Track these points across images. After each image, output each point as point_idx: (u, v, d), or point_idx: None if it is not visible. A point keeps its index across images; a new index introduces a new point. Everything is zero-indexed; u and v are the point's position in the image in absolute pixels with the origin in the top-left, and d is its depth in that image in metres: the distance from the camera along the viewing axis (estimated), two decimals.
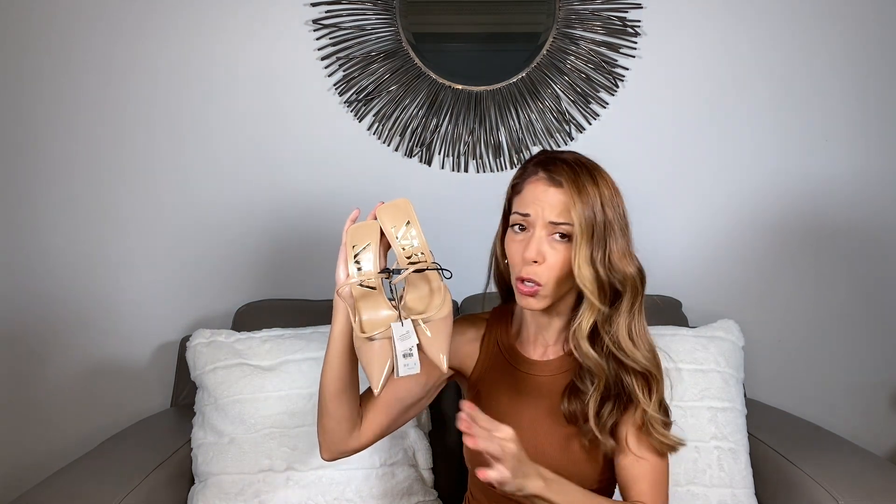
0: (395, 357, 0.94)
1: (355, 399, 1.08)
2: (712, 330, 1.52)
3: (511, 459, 0.87)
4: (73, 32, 1.74)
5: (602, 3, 1.77)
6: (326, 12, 1.75)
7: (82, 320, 1.78)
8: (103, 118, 1.76)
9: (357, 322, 0.98)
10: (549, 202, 1.00)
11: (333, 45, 1.76)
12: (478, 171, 1.81)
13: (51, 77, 1.75)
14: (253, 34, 1.76)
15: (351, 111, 1.78)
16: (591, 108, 1.80)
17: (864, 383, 1.88)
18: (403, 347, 0.93)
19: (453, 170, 1.81)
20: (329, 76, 1.78)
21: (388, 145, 1.80)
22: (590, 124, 1.80)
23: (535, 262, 0.99)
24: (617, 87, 1.79)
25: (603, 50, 1.78)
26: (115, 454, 1.40)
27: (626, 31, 1.77)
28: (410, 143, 1.80)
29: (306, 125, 1.79)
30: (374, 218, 1.03)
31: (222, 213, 1.79)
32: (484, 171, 1.81)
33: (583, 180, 0.99)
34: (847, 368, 1.87)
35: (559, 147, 1.80)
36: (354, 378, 1.06)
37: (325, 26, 1.75)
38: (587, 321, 1.00)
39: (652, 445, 1.03)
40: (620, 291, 1.00)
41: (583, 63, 1.78)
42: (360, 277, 0.99)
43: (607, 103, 1.80)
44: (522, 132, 1.79)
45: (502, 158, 1.80)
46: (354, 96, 1.77)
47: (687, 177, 1.82)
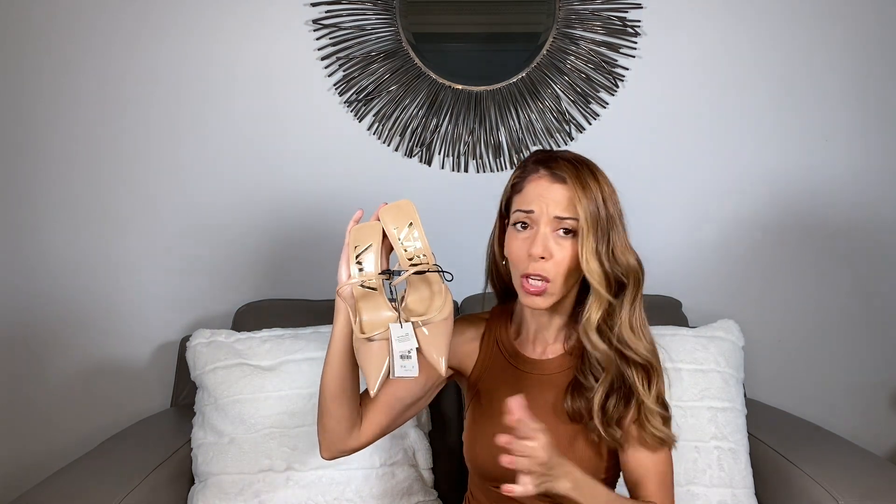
0: (391, 358, 0.93)
1: (355, 399, 1.08)
2: (712, 330, 1.52)
3: (540, 469, 0.86)
4: (73, 33, 1.74)
5: (602, 3, 1.77)
6: (326, 12, 1.75)
7: (82, 320, 1.78)
8: (103, 118, 1.76)
9: (357, 322, 0.98)
10: (553, 198, 1.00)
11: (333, 45, 1.76)
12: (478, 171, 1.81)
13: (51, 77, 1.75)
14: (254, 34, 1.76)
15: (351, 111, 1.78)
16: (591, 108, 1.80)
17: (864, 383, 1.88)
18: (401, 349, 0.93)
19: (453, 170, 1.81)
20: (329, 76, 1.78)
21: (388, 145, 1.80)
22: (590, 124, 1.80)
23: (541, 258, 0.99)
24: (617, 87, 1.79)
25: (603, 50, 1.78)
26: (115, 454, 1.40)
27: (626, 31, 1.77)
28: (410, 143, 1.80)
29: (306, 125, 1.79)
30: (377, 219, 1.03)
31: (222, 214, 1.79)
32: (484, 171, 1.81)
33: (585, 176, 1.01)
34: (847, 368, 1.87)
35: (559, 147, 1.80)
36: (355, 378, 1.07)
37: (325, 26, 1.75)
38: (596, 313, 1.01)
39: (646, 441, 1.03)
40: (623, 283, 1.01)
41: (583, 63, 1.78)
42: (360, 278, 0.99)
43: (607, 103, 1.80)
44: (522, 132, 1.79)
45: (502, 158, 1.80)
46: (354, 96, 1.77)
47: (687, 177, 1.82)
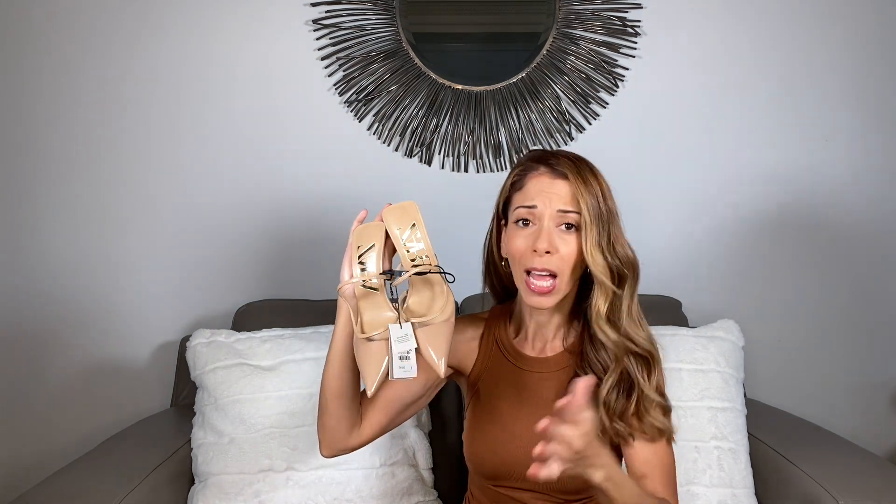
0: (390, 359, 0.93)
1: (356, 398, 1.09)
2: (712, 330, 1.52)
3: (571, 456, 0.84)
4: (73, 33, 1.74)
5: (602, 3, 1.77)
6: (326, 12, 1.75)
7: (82, 320, 1.78)
8: (103, 118, 1.76)
9: (358, 322, 0.98)
10: (556, 193, 1.02)
11: (333, 45, 1.76)
12: (478, 171, 1.81)
13: (51, 77, 1.75)
14: (254, 34, 1.76)
15: (351, 111, 1.78)
16: (591, 108, 1.80)
17: (864, 383, 1.88)
18: (400, 350, 0.93)
19: (453, 170, 1.81)
20: (329, 76, 1.78)
21: (388, 145, 1.80)
22: (590, 124, 1.80)
23: (547, 252, 1.00)
24: (617, 87, 1.79)
25: (603, 50, 1.78)
26: (115, 454, 1.40)
27: (626, 31, 1.77)
28: (410, 143, 1.79)
29: (306, 125, 1.78)
30: (381, 219, 1.03)
31: (222, 213, 1.79)
32: (484, 171, 1.81)
33: (585, 172, 1.04)
34: (847, 368, 1.87)
35: (559, 147, 1.80)
36: (355, 377, 1.07)
37: (325, 26, 1.75)
38: (603, 304, 1.02)
39: (646, 432, 1.03)
40: (622, 275, 1.03)
41: (583, 63, 1.78)
42: (361, 278, 0.99)
43: (607, 103, 1.80)
44: (522, 132, 1.79)
45: (502, 158, 1.80)
46: (354, 96, 1.77)
47: (687, 177, 1.82)
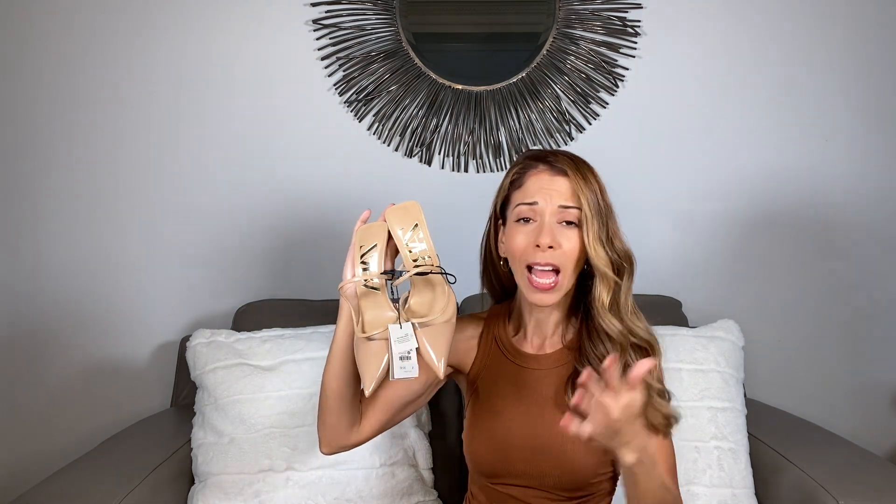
0: (391, 359, 0.94)
1: (356, 396, 1.09)
2: (712, 330, 1.52)
3: (605, 423, 0.85)
4: (72, 33, 1.74)
5: (602, 3, 1.77)
6: (326, 12, 1.75)
7: (82, 320, 1.78)
8: (102, 118, 1.76)
9: (359, 321, 0.98)
10: (556, 189, 1.04)
11: (333, 45, 1.76)
12: (478, 171, 1.81)
13: (50, 77, 1.75)
14: (253, 34, 1.76)
15: (351, 111, 1.78)
16: (591, 108, 1.80)
17: (864, 383, 1.88)
18: (401, 350, 0.93)
19: (453, 170, 1.81)
20: (329, 76, 1.78)
21: (388, 145, 1.80)
22: (590, 124, 1.80)
23: (550, 247, 1.02)
24: (617, 87, 1.79)
25: (603, 50, 1.78)
26: (115, 454, 1.40)
27: (626, 31, 1.77)
28: (410, 143, 1.79)
29: (306, 125, 1.78)
30: (384, 219, 1.03)
31: (222, 213, 1.79)
32: (484, 171, 1.81)
33: (583, 169, 1.07)
34: (847, 368, 1.87)
35: (559, 147, 1.80)
36: (356, 376, 1.07)
37: (325, 26, 1.75)
38: (606, 296, 1.04)
39: (649, 421, 1.02)
40: (621, 268, 1.05)
41: (583, 63, 1.78)
42: (363, 277, 0.99)
43: (607, 103, 1.80)
44: (522, 132, 1.79)
45: (502, 158, 1.80)
46: (354, 96, 1.77)
47: (687, 176, 1.82)
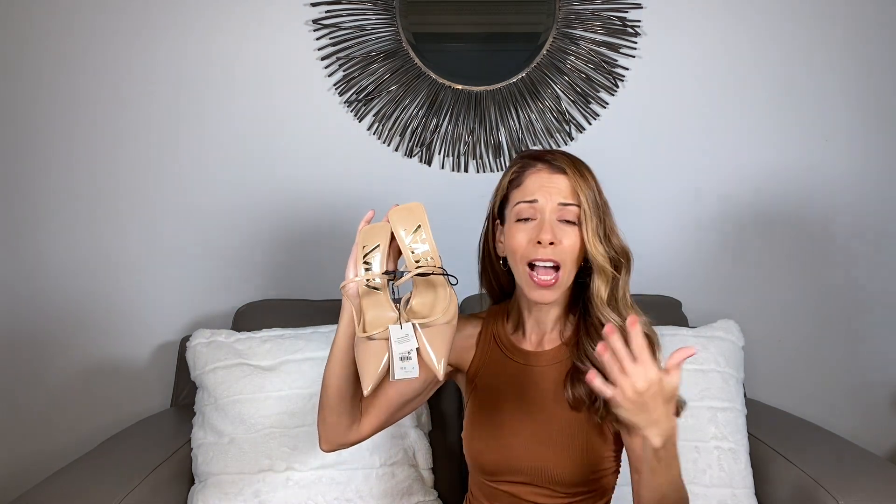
0: (391, 359, 0.94)
1: (356, 395, 1.10)
2: (712, 330, 1.52)
3: (628, 391, 0.88)
4: (72, 32, 1.74)
5: (602, 3, 1.77)
6: (326, 12, 1.75)
7: (82, 320, 1.78)
8: (102, 118, 1.76)
9: (360, 321, 0.98)
10: (556, 187, 1.06)
11: (333, 45, 1.76)
12: (478, 171, 1.81)
13: (49, 77, 1.75)
14: (253, 34, 1.76)
15: (351, 111, 1.78)
16: (591, 108, 1.80)
17: (864, 383, 1.88)
18: (401, 350, 0.93)
19: (453, 170, 1.81)
20: (329, 76, 1.78)
21: (388, 145, 1.80)
22: (590, 124, 1.80)
23: (551, 243, 1.03)
24: (617, 87, 1.79)
25: (603, 50, 1.78)
26: (115, 454, 1.40)
27: (626, 31, 1.77)
28: (410, 143, 1.79)
29: (306, 125, 1.78)
30: (388, 220, 1.04)
31: (222, 213, 1.79)
32: (484, 171, 1.81)
33: (581, 167, 1.09)
34: (847, 368, 1.87)
35: (558, 147, 1.80)
36: (357, 375, 1.07)
37: (325, 26, 1.75)
38: (604, 290, 1.06)
39: None
40: (618, 264, 1.07)
41: (583, 63, 1.78)
42: (365, 277, 1.00)
43: (607, 103, 1.80)
44: (522, 132, 1.79)
45: (502, 158, 1.80)
46: (354, 96, 1.77)
47: (687, 176, 1.82)
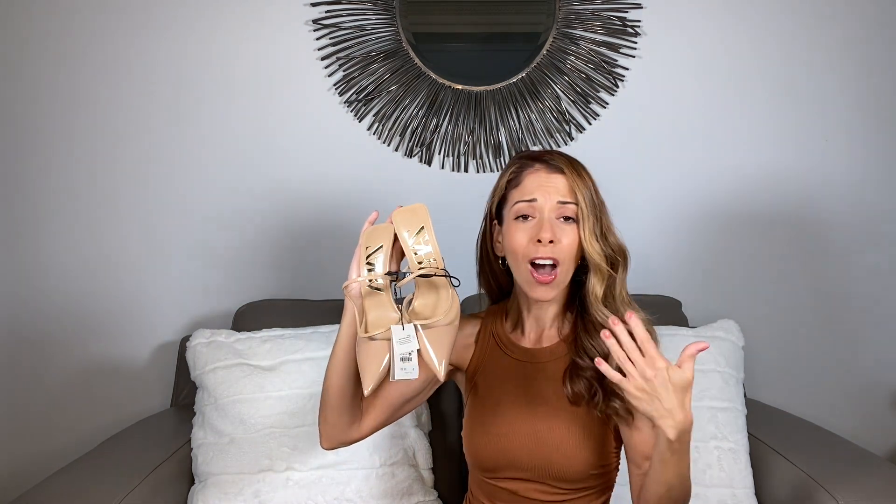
0: (392, 360, 0.94)
1: (357, 394, 1.10)
2: (712, 330, 1.52)
3: (638, 379, 0.92)
4: (72, 33, 1.74)
5: (602, 3, 1.77)
6: (326, 12, 1.75)
7: (82, 320, 1.78)
8: (102, 118, 1.76)
9: (362, 321, 0.98)
10: (554, 186, 1.07)
11: (333, 45, 1.76)
12: (478, 171, 1.81)
13: (49, 77, 1.75)
14: (253, 34, 1.76)
15: (351, 111, 1.78)
16: (591, 108, 1.80)
17: (864, 383, 1.87)
18: (402, 351, 0.94)
19: (453, 170, 1.81)
20: (329, 76, 1.78)
21: (388, 145, 1.80)
22: (590, 124, 1.80)
23: (550, 241, 1.04)
24: (617, 87, 1.79)
25: (603, 50, 1.78)
26: (115, 454, 1.40)
27: (626, 31, 1.77)
28: (410, 143, 1.79)
29: (306, 125, 1.78)
30: (391, 221, 1.04)
31: (222, 213, 1.79)
32: (484, 171, 1.81)
33: (578, 167, 1.11)
34: (847, 368, 1.87)
35: (559, 147, 1.80)
36: (358, 375, 1.07)
37: (325, 26, 1.75)
38: (599, 288, 1.07)
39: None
40: (615, 262, 1.08)
41: (583, 63, 1.78)
42: (367, 277, 1.00)
43: (607, 103, 1.80)
44: (522, 132, 1.79)
45: (502, 158, 1.80)
46: (354, 96, 1.77)
47: (687, 177, 1.82)
